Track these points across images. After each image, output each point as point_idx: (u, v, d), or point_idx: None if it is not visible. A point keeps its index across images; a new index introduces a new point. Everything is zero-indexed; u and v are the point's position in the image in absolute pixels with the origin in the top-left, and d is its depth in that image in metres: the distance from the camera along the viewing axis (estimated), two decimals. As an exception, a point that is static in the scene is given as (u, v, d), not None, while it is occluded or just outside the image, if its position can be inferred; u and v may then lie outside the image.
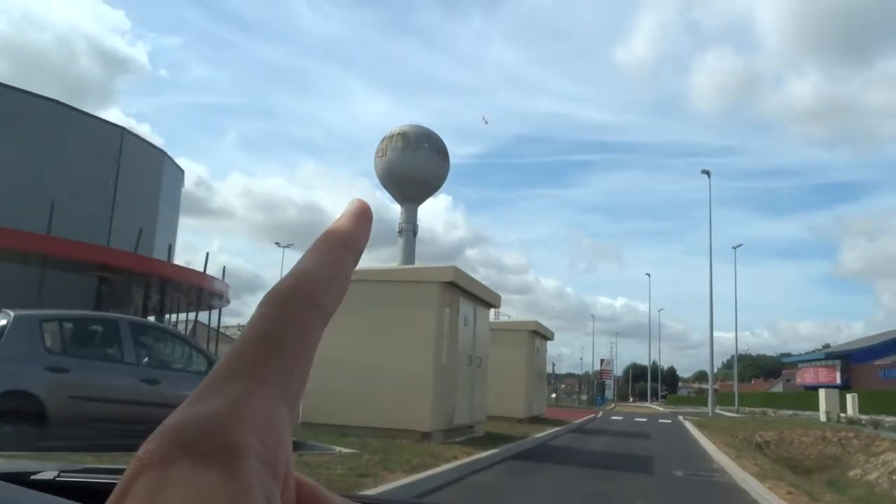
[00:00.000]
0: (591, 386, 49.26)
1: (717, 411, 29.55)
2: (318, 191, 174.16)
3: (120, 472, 0.91)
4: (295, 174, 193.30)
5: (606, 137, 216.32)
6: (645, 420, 24.36)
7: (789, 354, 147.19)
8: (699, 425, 19.20)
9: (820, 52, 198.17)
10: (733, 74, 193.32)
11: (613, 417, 25.45)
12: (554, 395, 57.26)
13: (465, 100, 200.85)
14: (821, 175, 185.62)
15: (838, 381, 58.99)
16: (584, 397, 48.85)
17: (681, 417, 25.67)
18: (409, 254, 74.91)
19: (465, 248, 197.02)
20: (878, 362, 54.45)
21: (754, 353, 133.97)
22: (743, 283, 46.63)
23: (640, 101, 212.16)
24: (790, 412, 32.11)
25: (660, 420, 24.72)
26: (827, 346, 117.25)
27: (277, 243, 39.90)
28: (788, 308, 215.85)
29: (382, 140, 58.49)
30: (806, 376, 65.80)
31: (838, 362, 60.10)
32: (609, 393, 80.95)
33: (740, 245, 42.72)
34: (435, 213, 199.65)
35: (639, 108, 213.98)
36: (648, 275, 60.60)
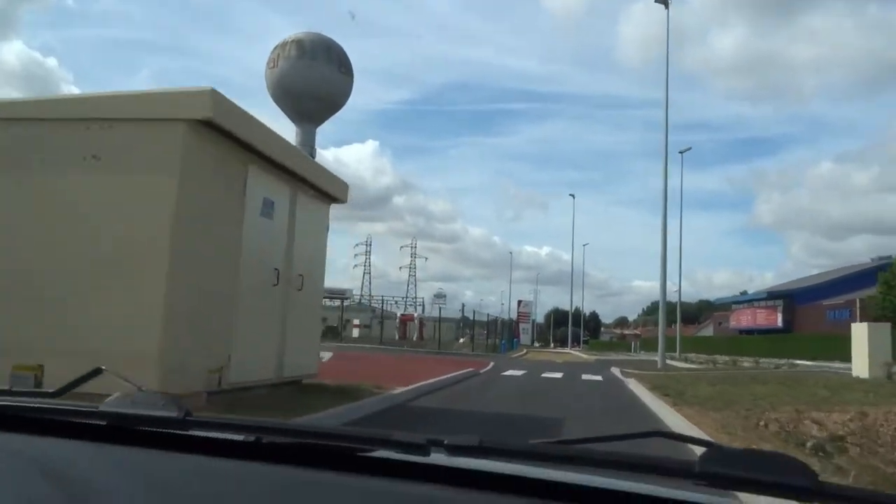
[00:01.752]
0: (495, 328, 39.95)
1: (668, 361, 20.27)
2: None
3: (30, 394, 1.00)
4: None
5: (536, 87, 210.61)
6: (559, 377, 14.79)
7: (708, 301, 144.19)
8: (662, 391, 9.61)
9: (746, 6, 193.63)
10: (660, 26, 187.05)
11: (508, 372, 15.73)
12: (462, 340, 48.30)
13: (394, 44, 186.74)
14: (741, 129, 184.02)
15: (779, 323, 52.23)
16: (494, 342, 39.69)
17: (616, 371, 16.20)
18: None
19: (392, 195, 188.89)
20: (825, 302, 47.60)
21: (672, 299, 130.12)
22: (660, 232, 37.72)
23: (569, 51, 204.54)
24: (781, 361, 22.79)
25: (584, 376, 15.20)
26: (744, 292, 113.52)
27: None
28: (704, 258, 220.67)
29: (274, 49, 48.58)
30: (742, 318, 58.90)
31: (780, 303, 52.99)
32: (526, 338, 72.86)
33: (688, 149, 33.71)
34: (361, 158, 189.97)
35: (568, 58, 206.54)
36: (572, 196, 51.42)
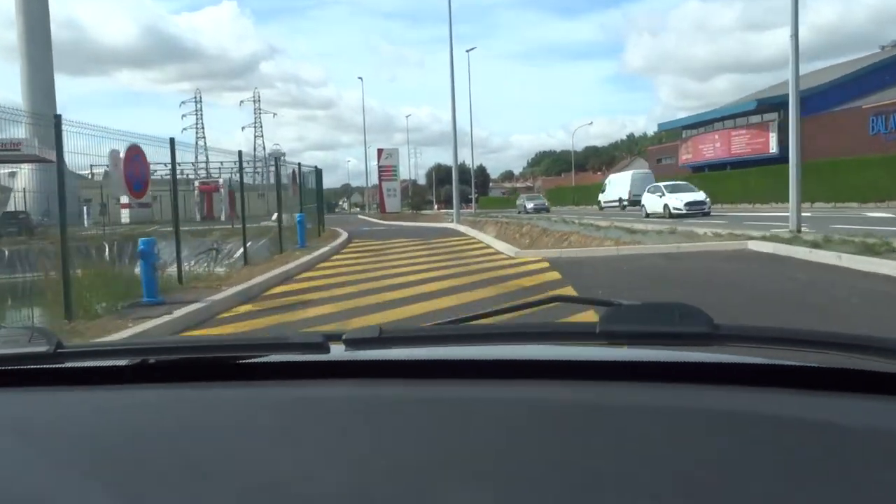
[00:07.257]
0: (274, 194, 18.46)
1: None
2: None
3: None
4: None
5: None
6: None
7: (595, 147, 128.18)
8: None
9: None
10: None
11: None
12: (274, 217, 28.21)
13: None
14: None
15: (773, 148, 34.50)
16: (310, 225, 18.31)
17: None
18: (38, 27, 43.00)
19: (258, 62, 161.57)
20: (865, 105, 29.50)
21: (554, 149, 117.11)
22: (535, 85, 15.04)
23: None
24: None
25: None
26: (631, 135, 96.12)
27: None
28: (581, 108, 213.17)
29: None
30: (703, 149, 40.36)
31: (774, 116, 34.74)
32: (395, 202, 51.98)
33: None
34: (219, 22, 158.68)
35: None
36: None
